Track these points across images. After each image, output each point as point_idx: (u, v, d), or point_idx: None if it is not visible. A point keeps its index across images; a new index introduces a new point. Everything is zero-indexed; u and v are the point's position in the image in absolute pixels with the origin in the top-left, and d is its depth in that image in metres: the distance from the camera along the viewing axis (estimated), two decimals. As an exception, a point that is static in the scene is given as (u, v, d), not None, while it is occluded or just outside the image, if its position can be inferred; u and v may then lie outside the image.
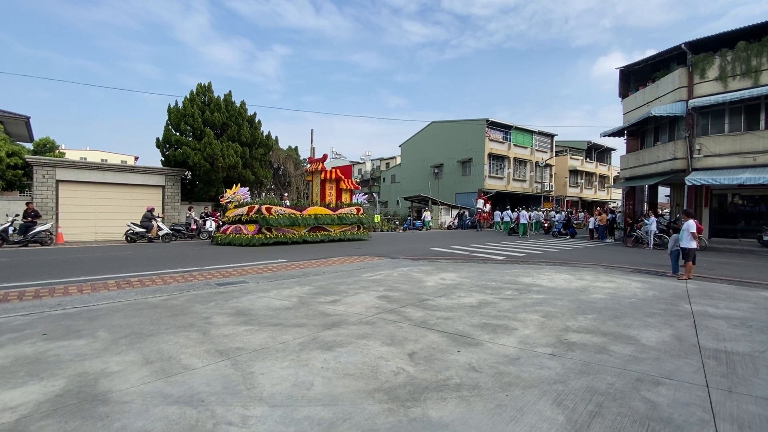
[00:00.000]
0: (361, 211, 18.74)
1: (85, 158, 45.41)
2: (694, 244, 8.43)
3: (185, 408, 2.63)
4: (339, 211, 17.57)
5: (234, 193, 16.50)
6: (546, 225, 25.48)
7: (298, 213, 16.01)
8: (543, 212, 28.39)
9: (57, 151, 29.63)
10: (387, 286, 7.03)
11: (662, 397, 2.90)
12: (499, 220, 28.23)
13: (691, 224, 8.53)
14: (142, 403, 2.69)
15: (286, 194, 17.18)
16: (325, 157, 19.68)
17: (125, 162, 45.94)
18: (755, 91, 15.37)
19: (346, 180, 19.46)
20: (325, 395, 2.85)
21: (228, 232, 15.41)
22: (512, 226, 24.17)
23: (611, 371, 3.38)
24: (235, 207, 16.04)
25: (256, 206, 15.25)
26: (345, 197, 19.20)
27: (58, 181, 17.16)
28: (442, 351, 3.81)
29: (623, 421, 2.56)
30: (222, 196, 16.93)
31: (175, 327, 4.45)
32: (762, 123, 16.02)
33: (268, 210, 15.22)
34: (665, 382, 3.18)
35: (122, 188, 18.80)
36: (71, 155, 43.57)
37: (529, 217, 27.45)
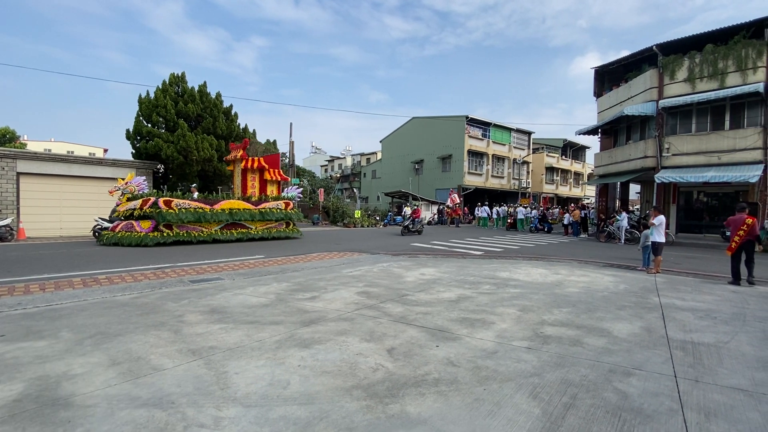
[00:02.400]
0: (291, 205, 16.66)
1: (49, 150, 43.22)
2: (662, 238, 8.75)
3: (154, 411, 2.51)
4: (262, 205, 15.51)
5: (126, 183, 13.99)
6: (510, 221, 24.86)
7: (208, 207, 13.89)
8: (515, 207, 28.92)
9: (18, 142, 28.08)
10: (367, 282, 6.99)
11: (633, 388, 2.99)
12: (484, 215, 28.72)
13: (660, 218, 8.85)
14: (108, 406, 2.56)
15: (194, 185, 15.57)
16: (246, 142, 17.02)
17: (93, 154, 43.97)
18: (721, 93, 16.07)
19: (271, 170, 17.23)
20: (302, 394, 2.79)
21: (117, 230, 13.07)
22: (508, 220, 24.85)
23: (585, 363, 3.46)
24: (128, 200, 13.74)
25: (152, 199, 13.12)
26: (271, 190, 17.21)
27: (19, 174, 16.26)
28: (421, 346, 3.81)
29: (596, 412, 2.62)
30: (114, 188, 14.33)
31: (145, 326, 4.28)
32: (727, 123, 16.78)
33: (167, 203, 13.07)
34: (636, 373, 3.28)
35: (90, 181, 17.98)
36: (34, 147, 41.40)
37: (498, 212, 28.23)
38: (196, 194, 14.60)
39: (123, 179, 14.36)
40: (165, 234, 12.89)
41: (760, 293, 6.78)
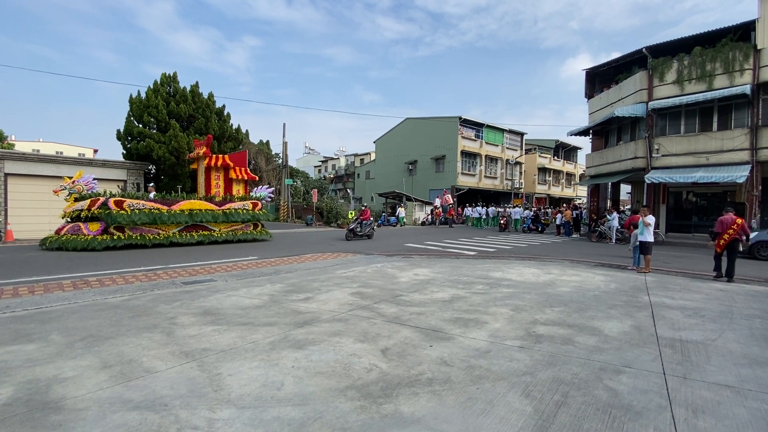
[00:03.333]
0: (259, 206, 15.46)
1: (38, 150, 42.60)
2: (651, 238, 8.88)
3: (147, 413, 2.50)
4: (226, 206, 14.41)
5: (73, 182, 12.72)
6: (503, 222, 23.60)
7: (165, 208, 12.84)
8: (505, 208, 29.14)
9: (6, 143, 27.64)
10: (361, 283, 7.00)
11: (623, 386, 3.03)
12: (476, 215, 28.92)
13: (649, 218, 8.98)
14: (99, 409, 2.54)
15: (151, 185, 14.58)
16: (209, 138, 15.73)
17: (83, 155, 43.41)
18: (709, 95, 16.34)
19: (237, 169, 16.13)
20: (296, 395, 2.79)
21: (62, 233, 11.93)
22: (501, 221, 24.53)
23: (576, 362, 3.50)
24: (75, 200, 12.62)
25: (101, 199, 12.05)
26: (237, 189, 16.19)
27: (6, 175, 15.98)
28: (414, 346, 3.83)
29: (587, 409, 2.66)
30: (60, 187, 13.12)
31: (137, 328, 4.24)
32: (715, 125, 17.06)
33: (118, 204, 12.03)
34: (626, 370, 3.33)
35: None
36: (22, 147, 40.78)
37: (487, 213, 28.50)
38: (152, 194, 13.53)
39: (70, 177, 13.14)
40: (116, 237, 11.86)
41: (747, 291, 6.91)
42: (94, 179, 13.36)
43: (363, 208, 17.70)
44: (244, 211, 14.82)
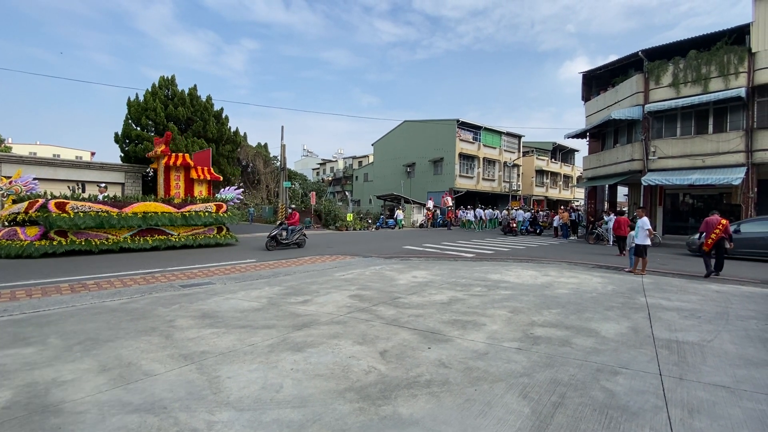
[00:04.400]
0: (224, 208, 14.37)
1: (34, 153, 42.46)
2: (647, 241, 8.93)
3: (146, 416, 2.51)
4: (186, 208, 13.36)
5: (10, 182, 11.70)
6: (513, 225, 23.03)
7: (115, 211, 11.77)
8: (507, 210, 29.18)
9: (2, 146, 27.56)
10: (359, 285, 7.01)
11: (620, 386, 3.06)
12: (470, 218, 28.90)
13: (645, 221, 9.04)
14: (98, 412, 2.55)
15: (103, 185, 13.21)
16: (168, 135, 14.67)
17: (80, 157, 43.28)
18: (704, 98, 16.46)
19: (199, 168, 15.07)
20: (295, 397, 2.80)
21: None
22: (510, 223, 24.18)
23: (573, 363, 3.52)
24: (13, 202, 11.50)
25: (40, 201, 10.94)
26: (200, 190, 15.09)
27: (3, 178, 15.94)
28: (413, 348, 3.84)
29: (584, 410, 2.68)
30: None
31: (135, 331, 4.24)
32: (710, 127, 17.18)
33: (60, 206, 10.90)
34: (622, 371, 3.35)
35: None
36: (19, 150, 40.66)
37: (478, 215, 28.36)
38: (101, 195, 12.35)
39: (8, 178, 12.17)
40: (56, 243, 10.75)
41: (743, 293, 6.96)
42: (35, 179, 12.25)
43: (290, 210, 14.56)
44: (207, 213, 13.81)
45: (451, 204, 31.16)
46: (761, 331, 4.64)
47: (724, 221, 8.79)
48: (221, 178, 16.54)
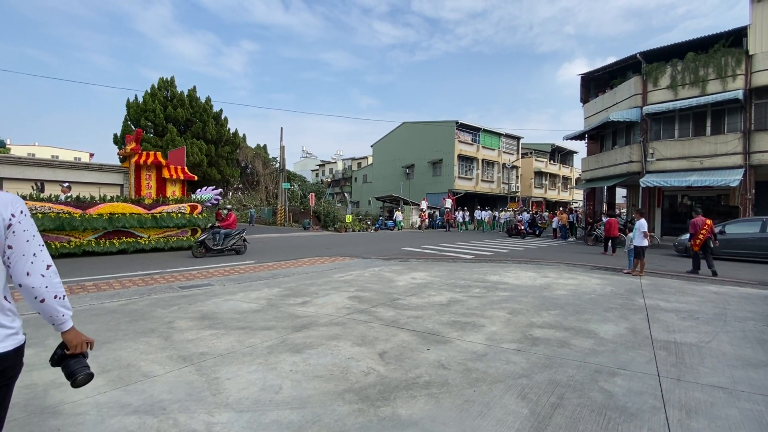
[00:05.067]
0: (199, 209, 13.67)
1: (33, 154, 42.39)
2: (645, 242, 8.96)
3: (145, 417, 2.51)
4: (157, 209, 12.75)
5: None
6: (521, 227, 22.12)
7: (78, 212, 11.16)
8: (510, 212, 29.20)
9: (3, 150, 27.50)
10: (358, 287, 7.01)
11: (618, 387, 3.07)
12: (461, 220, 28.84)
13: (642, 223, 9.07)
14: (98, 414, 2.55)
15: (66, 184, 12.34)
16: (139, 133, 13.94)
17: (79, 159, 43.23)
18: (702, 100, 16.53)
19: (172, 167, 14.32)
20: (294, 398, 2.81)
21: None
22: (509, 227, 24.00)
23: (572, 364, 3.53)
24: None
25: None
26: (173, 191, 14.30)
27: (1, 179, 15.93)
28: (412, 350, 3.85)
29: (582, 411, 2.69)
30: None
31: (134, 333, 4.24)
32: (708, 129, 17.25)
33: None
34: (621, 372, 3.37)
35: (75, 187, 17.68)
36: (17, 151, 40.61)
37: (465, 217, 28.55)
38: (63, 196, 11.60)
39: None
40: None
41: (740, 294, 6.98)
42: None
43: (226, 210, 12.91)
44: (179, 215, 13.16)
45: (449, 206, 31.07)
46: (759, 332, 4.66)
47: (708, 221, 9.28)
48: (196, 178, 15.82)
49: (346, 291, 6.62)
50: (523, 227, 22.12)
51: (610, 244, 14.10)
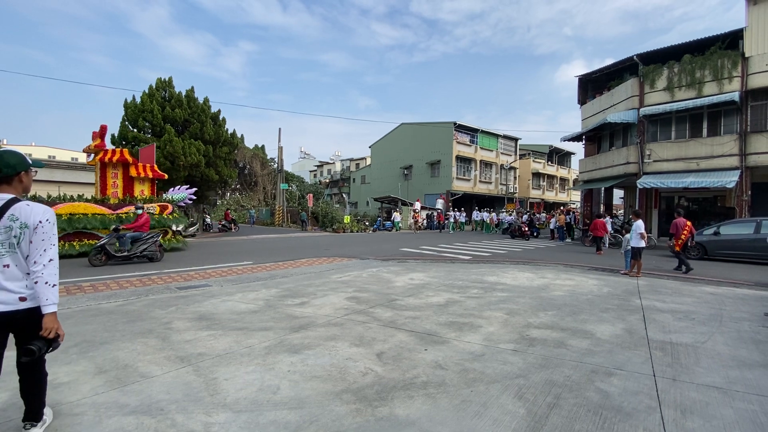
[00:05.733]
0: (169, 209, 13.08)
1: (29, 155, 42.15)
2: (642, 243, 9.00)
3: (143, 418, 2.51)
4: (124, 209, 12.07)
5: None
6: (525, 229, 21.53)
7: None
8: (505, 212, 29.21)
9: None
10: (356, 287, 7.02)
11: (614, 387, 3.09)
12: (453, 221, 28.74)
13: (639, 224, 9.11)
14: (95, 414, 2.55)
15: None
16: (103, 128, 13.02)
17: (76, 159, 43.05)
18: (698, 102, 16.63)
19: (140, 165, 13.63)
20: (292, 398, 2.81)
21: None
22: (513, 228, 24.20)
23: (569, 364, 3.55)
24: None
25: None
26: (141, 189, 13.65)
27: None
28: (409, 350, 3.86)
29: (579, 411, 2.70)
30: None
31: (132, 333, 4.24)
32: (705, 131, 17.35)
33: None
34: (617, 372, 3.39)
35: (72, 187, 17.64)
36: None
37: (455, 218, 28.45)
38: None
39: None
40: None
41: (736, 295, 7.02)
42: None
43: (138, 211, 11.07)
44: (148, 215, 12.32)
45: (440, 207, 30.70)
46: (754, 332, 4.69)
47: (689, 222, 10.08)
48: (166, 176, 15.19)
49: (344, 292, 6.63)
50: (527, 229, 22.00)
51: (602, 242, 14.38)
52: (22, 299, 2.09)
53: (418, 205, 30.62)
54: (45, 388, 2.32)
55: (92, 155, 13.34)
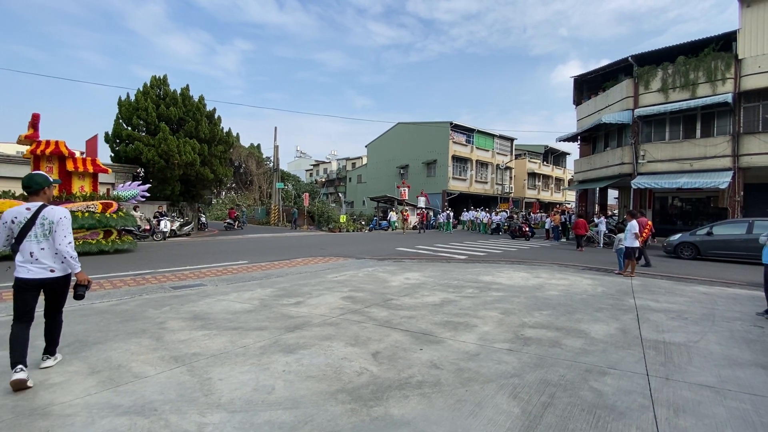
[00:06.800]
0: (114, 207, 11.97)
1: (21, 153, 41.76)
2: (636, 243, 9.06)
3: (136, 418, 2.49)
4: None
5: None
6: (526, 229, 21.05)
7: None
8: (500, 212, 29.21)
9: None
10: (352, 287, 7.01)
11: (608, 386, 3.11)
12: (443, 220, 28.58)
13: (633, 224, 9.18)
14: (88, 415, 2.52)
15: None
16: (35, 117, 11.66)
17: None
18: (692, 103, 16.78)
19: (79, 159, 12.24)
20: (287, 398, 2.80)
21: None
22: (494, 227, 24.72)
23: (563, 364, 3.57)
24: None
25: None
26: (81, 185, 12.28)
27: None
28: (405, 350, 3.86)
29: (573, 410, 2.72)
30: None
31: (125, 333, 4.21)
32: (698, 132, 17.51)
33: None
34: (611, 372, 3.41)
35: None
36: (4, 149, 39.95)
37: (447, 217, 28.19)
38: None
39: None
40: None
41: (728, 294, 7.09)
42: None
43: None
44: (88, 214, 11.28)
45: (423, 205, 29.51)
46: (745, 332, 4.74)
47: (650, 222, 10.84)
48: (109, 171, 13.87)
49: (340, 291, 6.62)
50: (528, 229, 21.95)
51: (603, 240, 14.54)
52: (52, 270, 3.15)
53: (422, 201, 29.48)
54: (60, 332, 3.44)
55: (28, 147, 11.93)
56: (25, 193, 3.26)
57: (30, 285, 3.10)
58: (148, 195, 15.32)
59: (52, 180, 3.33)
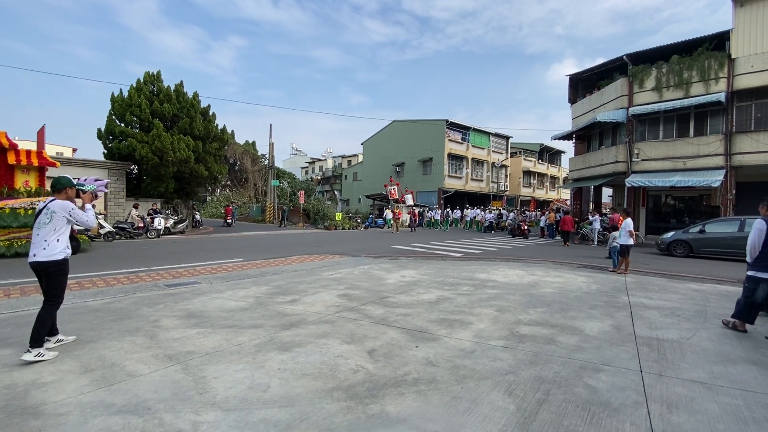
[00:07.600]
0: None
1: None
2: (631, 241, 9.13)
3: (130, 417, 2.47)
4: None
5: None
6: (525, 228, 20.78)
7: None
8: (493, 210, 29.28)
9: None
10: (348, 285, 7.00)
11: (602, 383, 3.13)
12: (429, 218, 28.52)
13: (628, 222, 9.24)
14: (81, 414, 2.50)
15: None
16: None
17: (61, 154, 42.13)
18: (686, 102, 16.90)
19: (23, 151, 11.36)
20: (282, 396, 2.79)
21: None
22: (486, 225, 24.92)
23: (558, 360, 3.59)
24: None
25: None
26: (24, 180, 11.53)
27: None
28: (401, 347, 3.86)
29: (567, 406, 2.73)
30: None
31: (119, 332, 4.17)
32: (691, 131, 17.64)
33: None
34: (605, 368, 3.43)
35: None
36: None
37: (444, 214, 28.32)
38: None
39: None
40: None
41: (720, 292, 7.17)
42: None
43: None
44: (32, 212, 10.30)
45: (410, 202, 28.59)
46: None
47: (621, 217, 10.55)
48: (58, 165, 12.85)
49: (336, 289, 6.61)
50: (527, 228, 21.88)
51: (597, 238, 14.69)
52: (34, 255, 3.55)
53: (409, 198, 29.28)
54: (42, 325, 3.48)
55: None
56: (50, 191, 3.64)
57: (32, 267, 3.64)
58: (107, 191, 14.19)
59: (74, 182, 3.94)
